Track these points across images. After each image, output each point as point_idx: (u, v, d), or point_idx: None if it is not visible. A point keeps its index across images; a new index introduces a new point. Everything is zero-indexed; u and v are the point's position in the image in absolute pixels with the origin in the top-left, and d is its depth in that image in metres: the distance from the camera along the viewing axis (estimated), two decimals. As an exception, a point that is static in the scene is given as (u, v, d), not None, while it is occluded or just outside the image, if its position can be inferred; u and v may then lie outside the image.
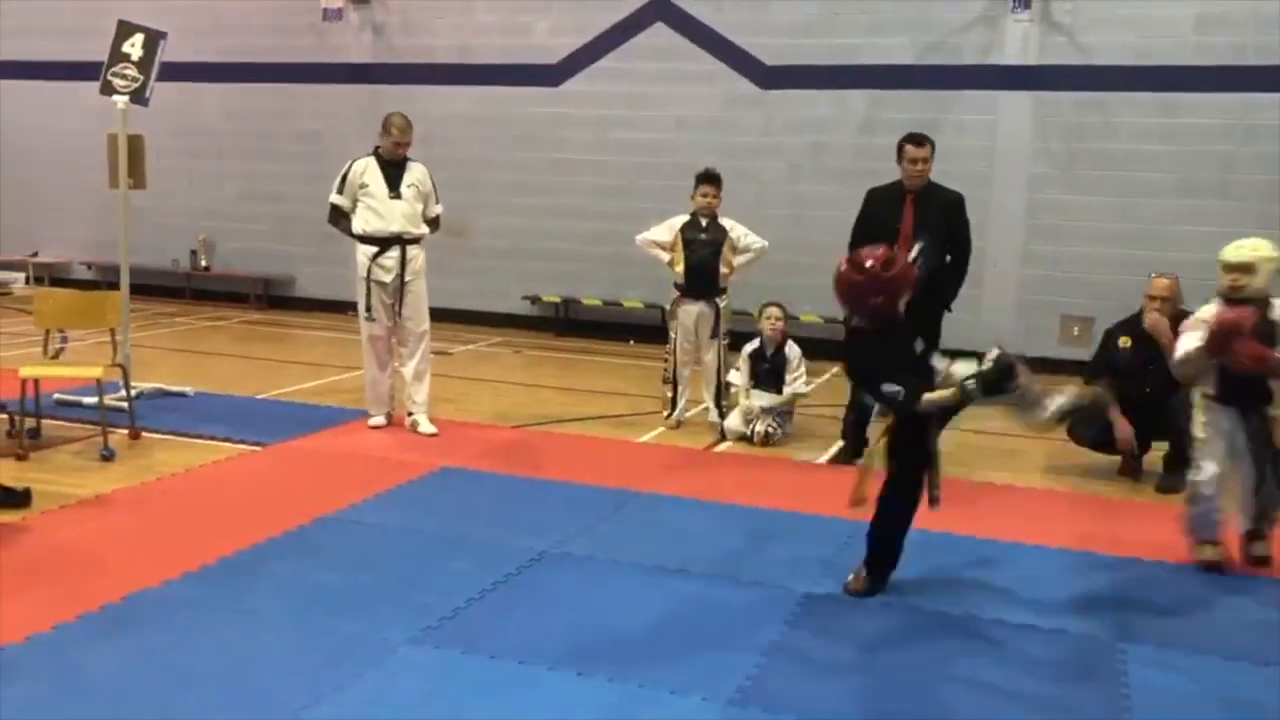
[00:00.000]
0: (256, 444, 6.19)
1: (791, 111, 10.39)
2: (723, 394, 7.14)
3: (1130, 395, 6.06)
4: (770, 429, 6.79)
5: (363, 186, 6.59)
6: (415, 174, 6.70)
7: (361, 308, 6.69)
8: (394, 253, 6.59)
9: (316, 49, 11.80)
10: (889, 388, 3.91)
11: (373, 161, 6.66)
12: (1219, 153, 9.18)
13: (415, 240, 6.68)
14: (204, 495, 5.28)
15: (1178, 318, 6.01)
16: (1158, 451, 6.19)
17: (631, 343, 10.54)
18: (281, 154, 12.06)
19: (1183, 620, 4.13)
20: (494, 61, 11.20)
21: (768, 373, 6.98)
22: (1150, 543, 5.00)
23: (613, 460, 6.25)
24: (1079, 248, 9.65)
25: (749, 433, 6.81)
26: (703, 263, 7.04)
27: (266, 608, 3.91)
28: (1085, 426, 6.28)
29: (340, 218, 6.73)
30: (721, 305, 7.13)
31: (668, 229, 7.16)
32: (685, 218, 7.14)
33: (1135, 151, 9.41)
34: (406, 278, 6.63)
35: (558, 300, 11.25)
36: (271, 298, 12.42)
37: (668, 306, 7.39)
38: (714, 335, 7.10)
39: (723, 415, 7.06)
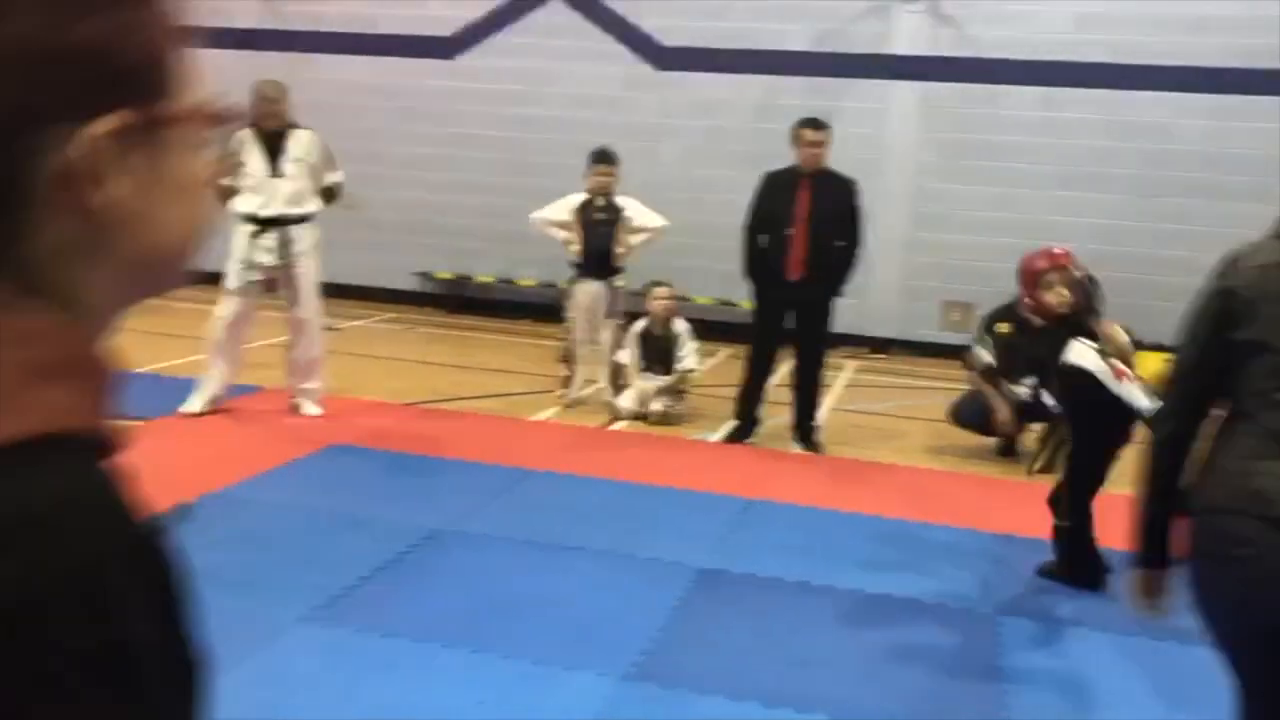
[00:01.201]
0: (134, 419, 5.98)
1: (689, 94, 10.45)
2: (619, 374, 7.17)
3: (1009, 379, 6.30)
4: (667, 407, 6.85)
5: (239, 164, 6.07)
6: (301, 145, 6.21)
7: (228, 285, 6.18)
8: (274, 233, 6.14)
9: (203, 12, 11.39)
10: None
11: (250, 134, 6.12)
12: (1096, 147, 9.55)
13: (300, 220, 6.23)
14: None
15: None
16: (1033, 433, 6.43)
17: (527, 321, 10.50)
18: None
19: (1056, 594, 4.32)
20: (387, 31, 10.99)
21: (656, 352, 7.03)
22: (1026, 521, 5.20)
23: (508, 439, 6.24)
24: (962, 236, 9.94)
25: (644, 412, 6.86)
26: (599, 242, 7.05)
27: (150, 587, 3.80)
28: (967, 410, 6.51)
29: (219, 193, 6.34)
30: (618, 285, 7.15)
31: (564, 208, 7.14)
32: (582, 197, 7.13)
33: (1017, 143, 9.73)
34: (289, 261, 6.20)
35: (451, 277, 11.14)
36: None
37: (563, 285, 7.39)
38: (610, 315, 7.13)
39: (618, 393, 7.10)
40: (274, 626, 3.55)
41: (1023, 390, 6.20)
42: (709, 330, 8.34)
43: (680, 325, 7.09)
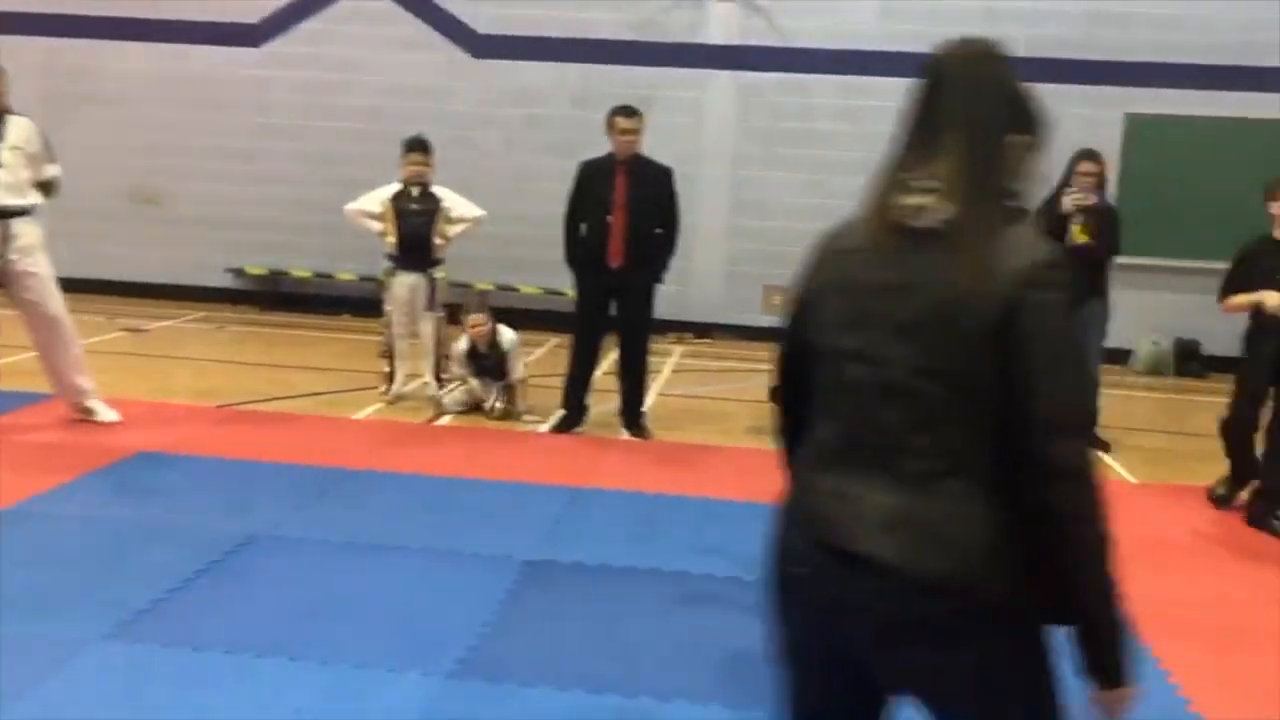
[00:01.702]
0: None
1: (507, 82, 10.36)
2: (441, 367, 7.06)
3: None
4: (505, 404, 6.71)
5: None
6: (17, 133, 5.66)
7: None
8: None
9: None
10: None
11: None
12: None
13: (21, 213, 5.67)
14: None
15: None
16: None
17: (346, 316, 10.22)
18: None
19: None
20: (189, 18, 10.48)
21: (487, 368, 6.88)
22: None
23: (327, 438, 6.05)
24: (779, 221, 10.18)
25: (487, 408, 6.71)
26: (415, 233, 6.91)
27: (-70, 614, 3.53)
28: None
29: None
30: (437, 277, 7.03)
31: (377, 199, 6.98)
32: (396, 187, 6.98)
33: (829, 131, 10.02)
34: (11, 257, 5.65)
35: (264, 273, 10.73)
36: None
37: (380, 278, 7.22)
38: (430, 307, 7.00)
39: (441, 386, 6.98)
40: (73, 647, 3.35)
41: None
42: (534, 320, 8.31)
43: (506, 337, 6.83)
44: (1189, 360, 9.88)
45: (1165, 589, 4.33)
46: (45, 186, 5.88)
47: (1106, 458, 6.53)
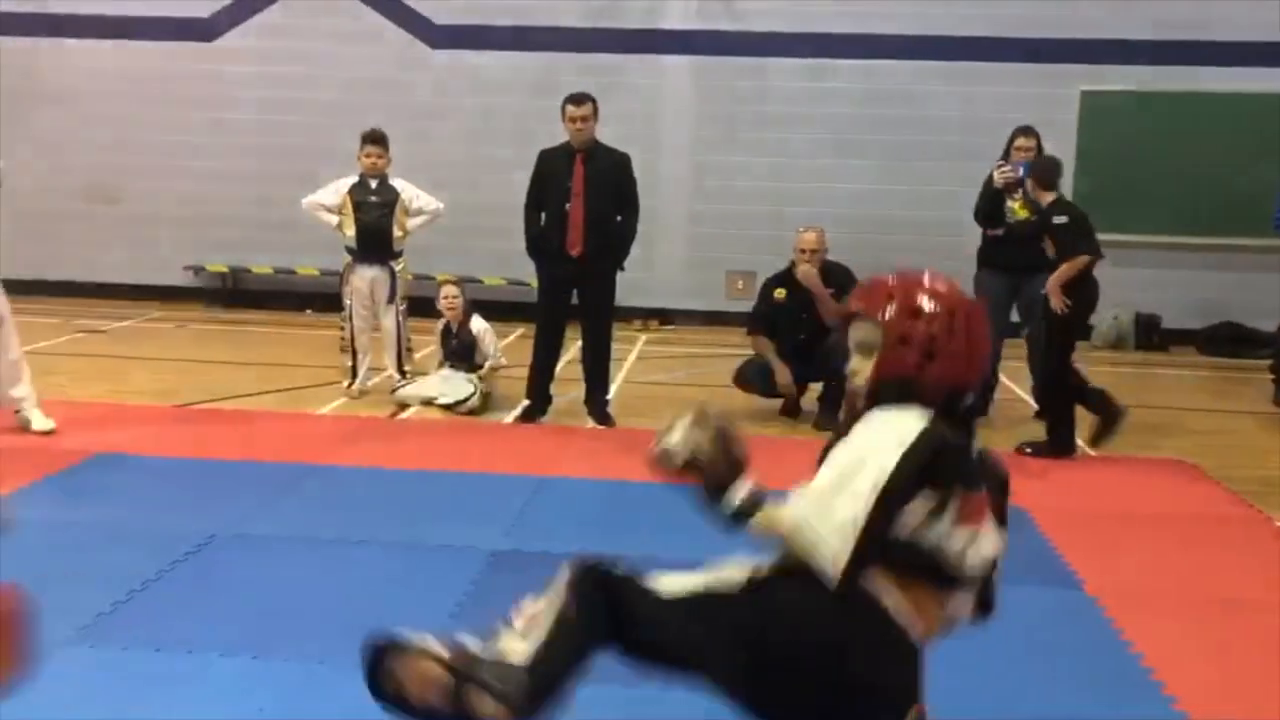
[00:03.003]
0: None
1: (464, 73, 10.31)
2: (405, 359, 7.02)
3: (787, 342, 6.52)
4: (475, 401, 6.66)
5: None
6: None
7: None
8: None
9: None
10: None
11: None
12: (858, 115, 9.97)
13: None
14: None
15: (825, 269, 6.53)
16: (814, 392, 6.69)
17: (308, 312, 10.14)
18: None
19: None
20: (139, 14, 10.34)
21: (457, 350, 6.87)
22: (808, 476, 5.40)
23: (290, 435, 6.01)
24: (740, 206, 10.21)
25: (453, 402, 6.65)
26: (373, 225, 6.87)
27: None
28: (750, 373, 6.70)
29: None
30: (397, 269, 6.99)
31: (334, 191, 6.94)
32: (354, 179, 6.94)
33: (788, 114, 10.05)
34: None
35: (225, 270, 10.63)
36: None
37: (342, 272, 7.17)
38: (391, 300, 6.96)
39: (405, 377, 6.95)
40: (35, 650, 3.30)
41: None
42: (498, 311, 8.27)
43: (478, 324, 6.86)
44: (1149, 334, 10.01)
45: (1129, 562, 4.39)
46: None
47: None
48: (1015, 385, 7.34)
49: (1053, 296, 5.80)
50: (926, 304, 2.16)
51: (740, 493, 2.29)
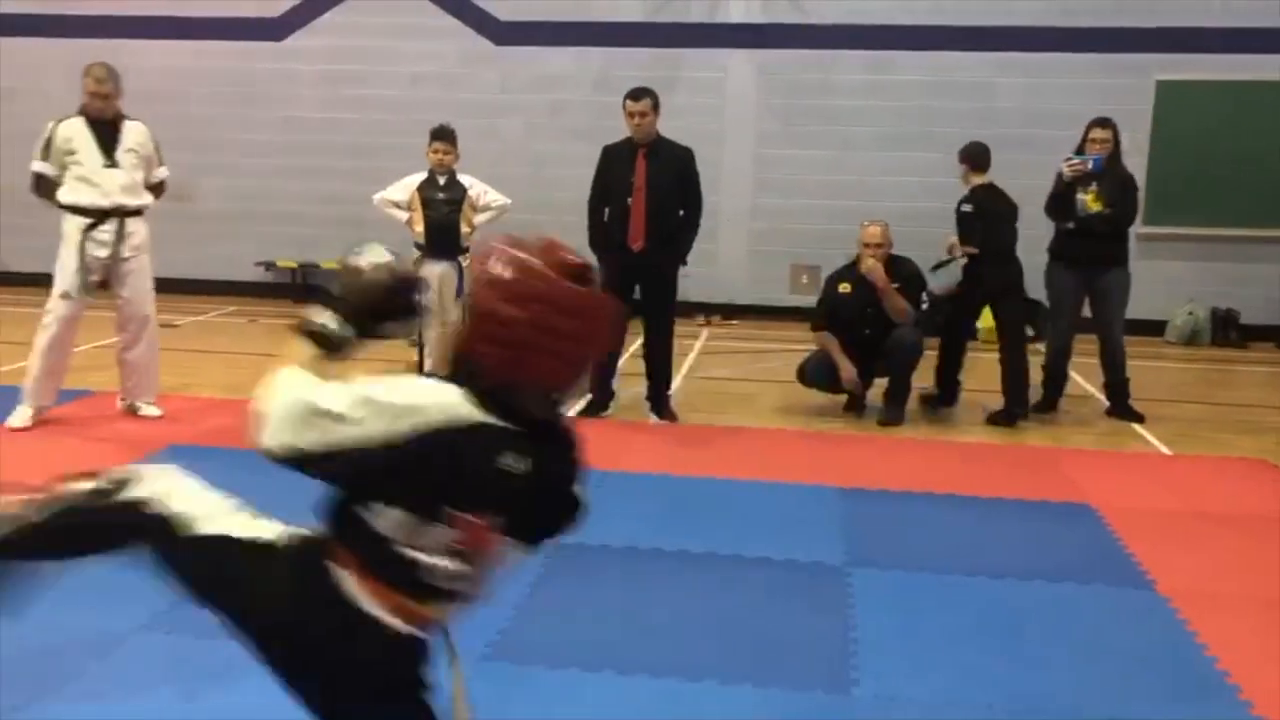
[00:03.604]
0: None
1: (528, 68, 10.37)
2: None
3: (852, 337, 6.47)
4: None
5: (70, 153, 5.76)
6: (134, 136, 5.92)
7: (61, 285, 5.84)
8: (110, 227, 5.83)
9: (8, 0, 10.75)
10: None
11: (79, 123, 5.83)
12: (923, 107, 9.85)
13: (135, 213, 5.95)
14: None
15: (890, 263, 6.47)
16: (879, 388, 6.63)
17: (375, 307, 10.28)
18: (-30, 114, 10.93)
19: (902, 542, 4.46)
20: (212, 15, 10.56)
21: None
22: (873, 472, 5.37)
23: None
24: (804, 200, 10.14)
25: None
26: (443, 221, 6.93)
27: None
28: (814, 369, 6.66)
29: (47, 187, 5.86)
30: (465, 264, 7.06)
31: (403, 188, 7.01)
32: (423, 176, 7.00)
33: (850, 107, 9.96)
34: (125, 254, 5.89)
35: (294, 265, 10.82)
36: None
37: (410, 267, 7.24)
38: (459, 295, 7.02)
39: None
40: (113, 637, 3.40)
41: None
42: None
43: None
44: (1226, 329, 9.75)
45: (1203, 562, 4.29)
46: (155, 188, 6.10)
47: (1140, 429, 6.47)
48: (1086, 381, 7.20)
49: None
50: (520, 286, 1.84)
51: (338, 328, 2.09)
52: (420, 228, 6.96)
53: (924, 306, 6.48)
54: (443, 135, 6.97)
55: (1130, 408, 6.64)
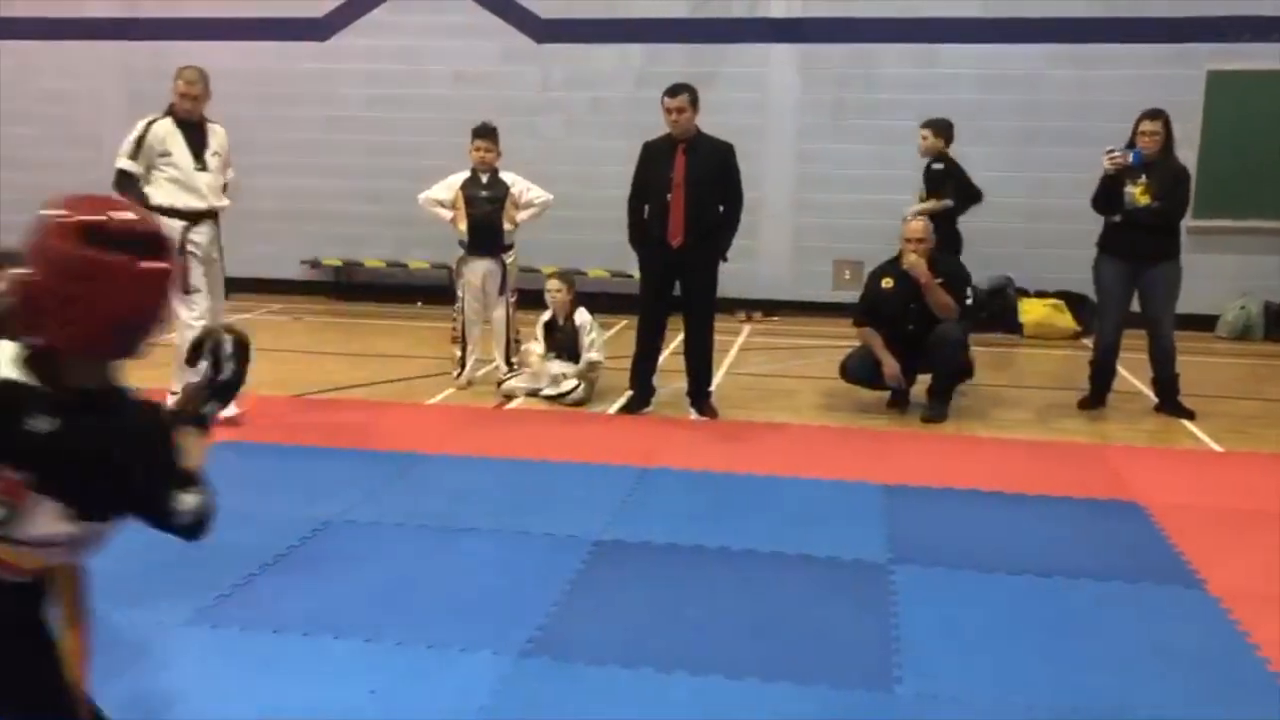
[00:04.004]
0: None
1: (569, 65, 10.37)
2: (512, 351, 7.12)
3: (895, 332, 6.41)
4: (579, 393, 6.71)
5: (164, 155, 5.86)
6: (217, 140, 6.06)
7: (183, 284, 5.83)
8: (205, 228, 5.95)
9: (58, 4, 10.93)
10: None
11: (171, 124, 5.92)
12: (969, 101, 9.73)
13: (216, 214, 6.08)
14: None
15: (933, 258, 6.40)
16: (922, 384, 6.57)
17: (419, 304, 10.35)
18: (25, 116, 11.13)
19: (946, 539, 4.41)
20: (256, 15, 10.67)
21: (562, 342, 6.92)
22: (916, 470, 5.32)
23: (400, 424, 6.15)
24: (847, 195, 10.06)
25: (557, 394, 6.73)
26: (485, 219, 6.97)
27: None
28: (856, 365, 6.61)
29: (130, 185, 5.87)
30: (508, 261, 7.09)
31: (447, 187, 7.06)
32: (466, 174, 7.05)
33: (895, 100, 9.85)
34: (214, 255, 6.05)
35: (339, 263, 10.92)
36: (23, 272, 11.51)
37: (453, 265, 7.29)
38: (501, 292, 7.06)
39: (511, 369, 7.04)
40: (159, 631, 3.45)
41: None
42: (603, 304, 8.32)
43: (583, 317, 6.90)
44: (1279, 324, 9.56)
45: (1255, 562, 4.20)
46: (224, 189, 6.17)
47: (1190, 425, 6.36)
48: (1134, 377, 7.09)
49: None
50: (38, 246, 1.81)
51: None
52: (463, 225, 7.00)
53: (968, 301, 6.41)
54: (484, 133, 7.01)
55: (1180, 404, 6.53)
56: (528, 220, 7.14)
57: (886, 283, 6.51)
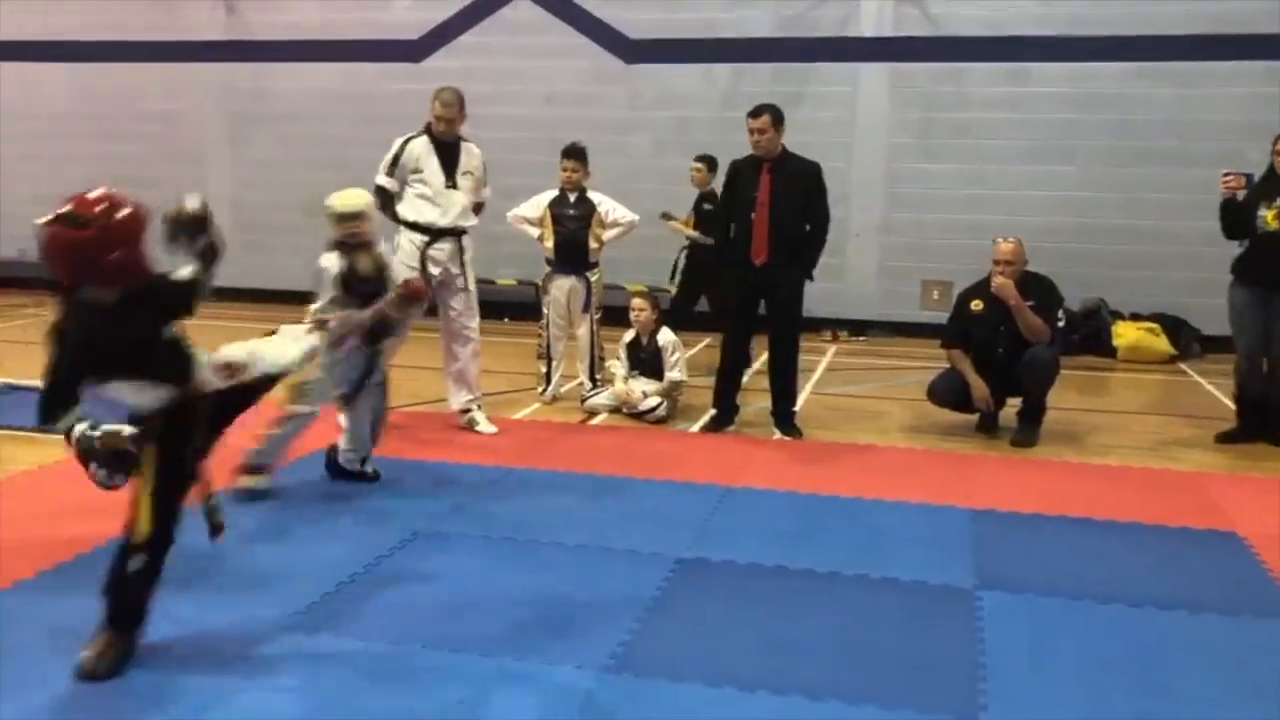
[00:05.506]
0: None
1: (657, 86, 10.46)
2: (596, 367, 7.18)
3: (984, 355, 6.33)
4: (662, 410, 6.75)
5: (416, 171, 6.10)
6: (471, 159, 6.25)
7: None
8: (446, 244, 6.15)
9: (167, 27, 11.37)
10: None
11: (427, 142, 6.16)
12: (1062, 120, 9.59)
13: (465, 232, 6.28)
14: (57, 492, 5.08)
15: (1024, 280, 6.31)
16: (1012, 408, 6.46)
17: (506, 320, 10.48)
18: (133, 136, 11.60)
19: (1034, 565, 4.34)
20: (353, 37, 10.97)
21: (645, 361, 6.98)
22: (1004, 495, 5.24)
23: (487, 438, 6.24)
24: (936, 214, 9.97)
25: (640, 410, 6.77)
26: (571, 237, 7.07)
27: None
28: (944, 387, 6.53)
29: (388, 201, 6.16)
30: (593, 279, 7.17)
31: (535, 205, 7.18)
32: (554, 193, 7.16)
33: (986, 120, 9.76)
34: (455, 272, 6.24)
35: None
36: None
37: (539, 282, 7.40)
38: (586, 309, 7.14)
39: (596, 385, 7.11)
40: (254, 635, 3.55)
41: None
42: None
43: (666, 337, 6.94)
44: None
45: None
46: (477, 208, 6.40)
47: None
48: (1230, 401, 6.86)
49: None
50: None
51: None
52: (550, 243, 7.11)
53: (1060, 325, 6.29)
54: (573, 154, 7.11)
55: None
56: (613, 240, 7.21)
57: (976, 305, 6.43)
